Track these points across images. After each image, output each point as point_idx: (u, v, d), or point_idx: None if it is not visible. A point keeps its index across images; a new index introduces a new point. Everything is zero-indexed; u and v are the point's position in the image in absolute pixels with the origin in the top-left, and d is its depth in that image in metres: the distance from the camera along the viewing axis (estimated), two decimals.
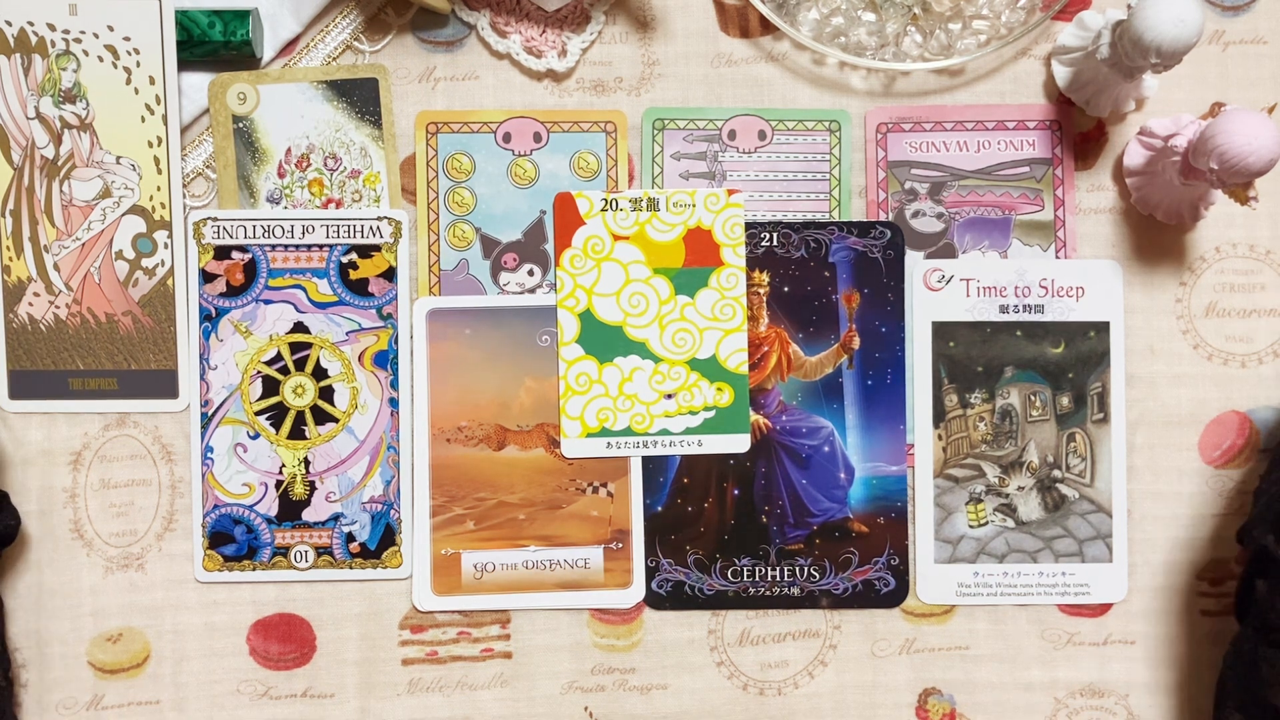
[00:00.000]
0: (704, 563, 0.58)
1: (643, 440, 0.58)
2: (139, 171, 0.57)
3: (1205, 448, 0.60)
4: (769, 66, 0.59)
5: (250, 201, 0.58)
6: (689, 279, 0.58)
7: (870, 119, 0.59)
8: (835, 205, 0.59)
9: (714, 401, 0.58)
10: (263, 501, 0.58)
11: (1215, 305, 0.60)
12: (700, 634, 0.59)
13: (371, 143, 0.58)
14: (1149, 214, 0.59)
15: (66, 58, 0.57)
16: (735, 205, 0.58)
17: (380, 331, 0.58)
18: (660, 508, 0.58)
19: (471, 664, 0.58)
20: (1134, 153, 0.58)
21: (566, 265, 0.58)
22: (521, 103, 0.59)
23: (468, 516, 0.58)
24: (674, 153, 0.59)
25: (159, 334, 0.58)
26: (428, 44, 0.59)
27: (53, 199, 0.57)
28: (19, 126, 0.57)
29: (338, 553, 0.58)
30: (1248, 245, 0.60)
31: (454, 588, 0.58)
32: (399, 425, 0.58)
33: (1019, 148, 0.59)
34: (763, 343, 0.59)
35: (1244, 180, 0.52)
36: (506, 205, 0.59)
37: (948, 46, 0.59)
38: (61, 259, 0.57)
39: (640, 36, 0.59)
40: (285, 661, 0.58)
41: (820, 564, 0.59)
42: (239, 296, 0.58)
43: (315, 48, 0.58)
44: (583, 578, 0.58)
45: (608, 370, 0.58)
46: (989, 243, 0.59)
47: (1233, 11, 0.60)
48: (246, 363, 0.58)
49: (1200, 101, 0.60)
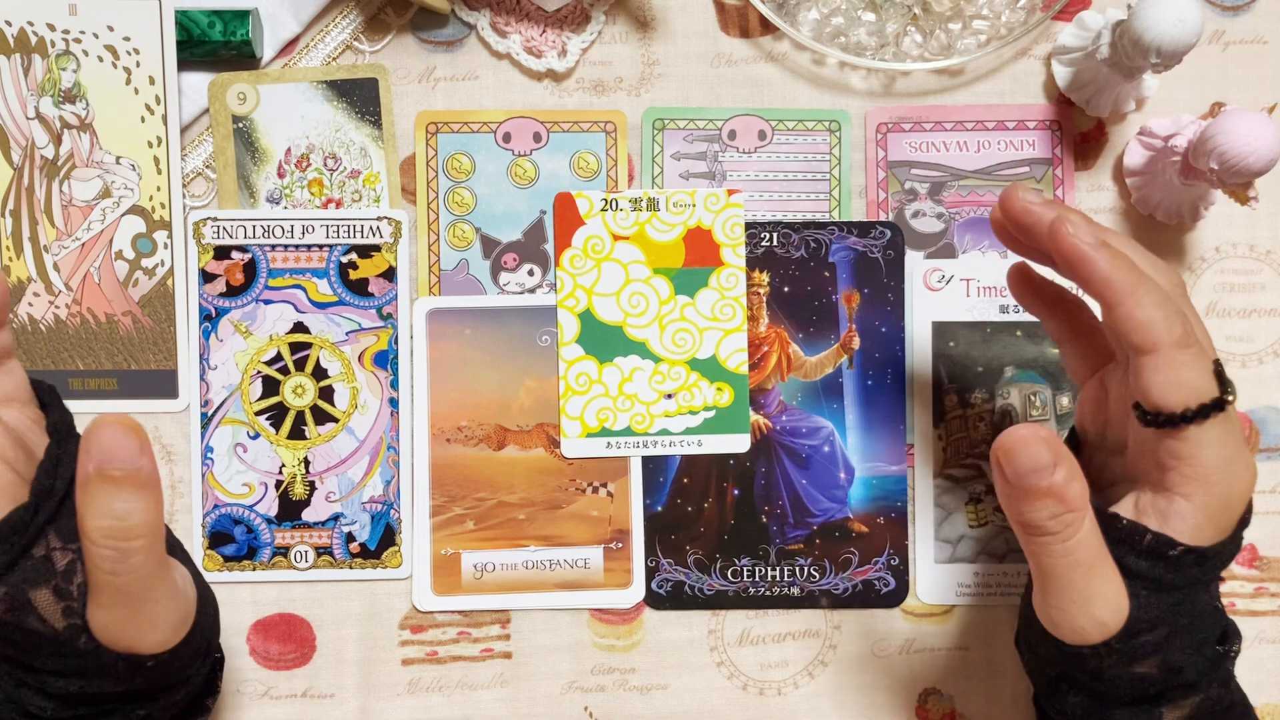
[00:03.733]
0: (704, 563, 0.58)
1: (643, 440, 0.58)
2: (139, 171, 0.57)
3: None
4: (769, 66, 0.59)
5: (250, 201, 0.58)
6: (689, 279, 0.58)
7: (870, 119, 0.59)
8: (835, 205, 0.59)
9: (714, 401, 0.58)
10: (263, 501, 0.58)
11: (1215, 305, 0.60)
12: (700, 634, 0.59)
13: (371, 143, 0.58)
14: (1149, 214, 0.59)
15: (66, 58, 0.57)
16: (735, 205, 0.58)
17: (380, 331, 0.58)
18: (660, 508, 0.58)
19: (471, 664, 0.58)
20: (1134, 153, 0.58)
21: (566, 265, 0.58)
22: (521, 103, 0.59)
23: (468, 516, 0.58)
24: (674, 153, 0.59)
25: (159, 334, 0.58)
26: (428, 44, 0.59)
27: (53, 199, 0.57)
28: (19, 126, 0.57)
29: (338, 553, 0.58)
30: (1248, 245, 0.60)
31: (454, 588, 0.58)
32: (399, 425, 0.58)
33: (1019, 148, 0.59)
34: (763, 343, 0.59)
35: (1244, 180, 0.52)
36: (506, 205, 0.59)
37: (948, 46, 0.59)
38: (61, 259, 0.57)
39: (640, 36, 0.59)
40: (285, 661, 0.58)
41: (820, 564, 0.59)
42: (239, 296, 0.58)
43: (315, 48, 0.58)
44: (583, 578, 0.58)
45: (608, 370, 0.58)
46: (989, 243, 0.59)
47: (1233, 11, 0.60)
48: (246, 363, 0.58)
49: (1200, 101, 0.60)
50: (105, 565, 0.40)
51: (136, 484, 0.40)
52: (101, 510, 0.39)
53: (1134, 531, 0.44)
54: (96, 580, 0.41)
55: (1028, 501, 0.42)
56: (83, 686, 0.43)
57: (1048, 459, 0.41)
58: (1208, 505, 0.43)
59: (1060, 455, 0.42)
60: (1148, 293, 0.42)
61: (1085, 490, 0.42)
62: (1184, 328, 0.42)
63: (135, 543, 0.40)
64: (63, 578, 0.42)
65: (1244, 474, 0.44)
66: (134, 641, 0.42)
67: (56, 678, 0.43)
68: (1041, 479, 0.41)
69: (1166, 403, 0.42)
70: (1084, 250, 0.43)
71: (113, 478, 0.39)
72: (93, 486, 0.39)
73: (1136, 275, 0.43)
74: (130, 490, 0.40)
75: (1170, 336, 0.42)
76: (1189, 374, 0.42)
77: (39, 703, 0.44)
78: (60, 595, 0.42)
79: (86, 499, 0.40)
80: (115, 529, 0.40)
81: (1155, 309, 0.42)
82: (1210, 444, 0.43)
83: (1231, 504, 0.44)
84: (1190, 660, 0.45)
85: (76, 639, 0.42)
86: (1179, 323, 0.42)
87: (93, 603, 0.41)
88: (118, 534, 0.40)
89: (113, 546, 0.40)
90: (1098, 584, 0.43)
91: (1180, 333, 0.42)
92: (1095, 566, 0.43)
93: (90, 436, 0.39)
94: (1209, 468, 0.43)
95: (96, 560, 0.40)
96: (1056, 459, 0.41)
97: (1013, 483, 0.42)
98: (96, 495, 0.39)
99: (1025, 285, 0.50)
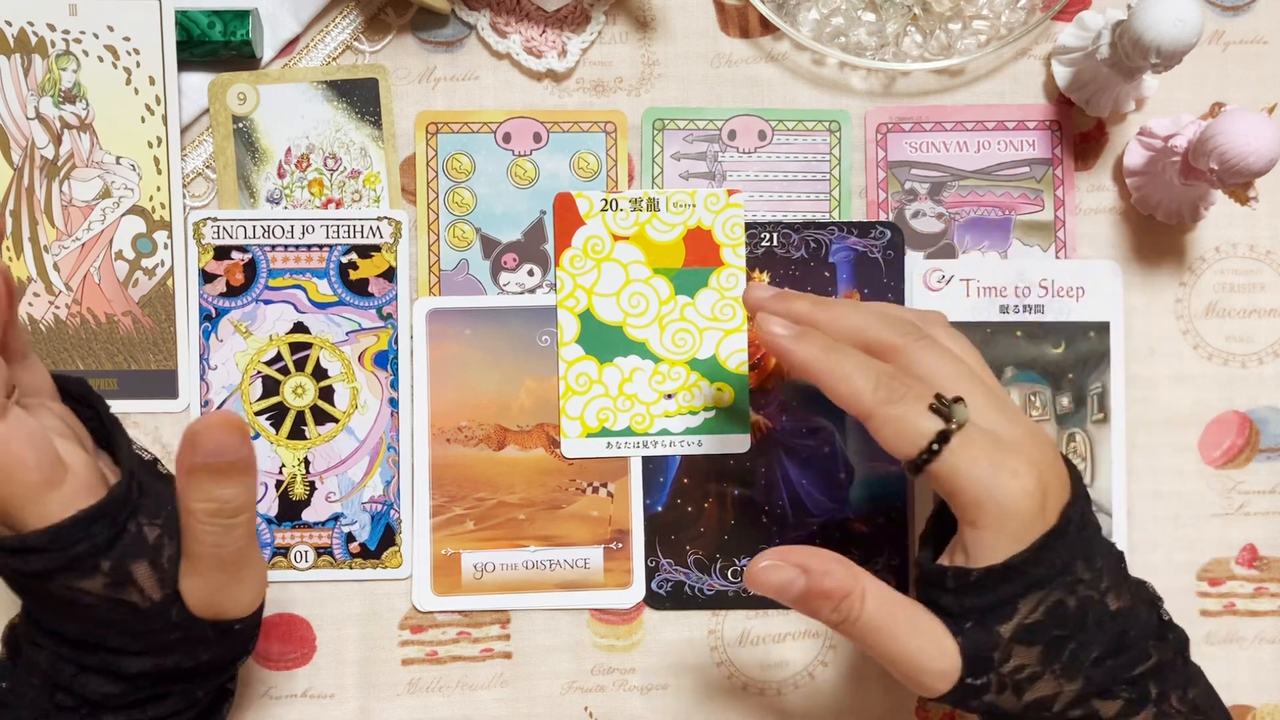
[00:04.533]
0: (704, 563, 0.58)
1: (643, 440, 0.58)
2: (139, 172, 0.57)
3: (1205, 448, 0.60)
4: (769, 66, 0.59)
5: (250, 202, 0.58)
6: (689, 279, 0.58)
7: (870, 119, 0.59)
8: (835, 205, 0.59)
9: (714, 401, 0.58)
10: (263, 502, 0.58)
11: (1215, 305, 0.60)
12: (700, 634, 0.59)
13: (371, 143, 0.58)
14: (1149, 214, 0.59)
15: (66, 58, 0.57)
16: (735, 205, 0.58)
17: (380, 332, 0.58)
18: (660, 508, 0.58)
19: (471, 664, 0.58)
20: (1134, 153, 0.58)
21: (566, 265, 0.58)
22: (521, 103, 0.59)
23: (468, 516, 0.58)
24: (674, 153, 0.59)
25: (159, 334, 0.58)
26: (428, 44, 0.59)
27: (53, 199, 0.57)
28: (19, 127, 0.57)
29: (338, 553, 0.58)
30: (1248, 245, 0.60)
31: (454, 588, 0.58)
32: (399, 425, 0.58)
33: (1019, 148, 0.59)
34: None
35: (1244, 180, 0.52)
36: (506, 205, 0.59)
37: (948, 46, 0.59)
38: (61, 259, 0.57)
39: (640, 36, 0.59)
40: (285, 661, 0.58)
41: None
42: (239, 297, 0.58)
43: (315, 48, 0.58)
44: (583, 578, 0.58)
45: (608, 370, 0.58)
46: (989, 243, 0.59)
47: (1233, 11, 0.60)
48: (246, 363, 0.58)
49: (1200, 101, 0.60)
50: (210, 539, 0.43)
51: (240, 470, 0.43)
52: (207, 495, 0.42)
53: (935, 573, 0.45)
54: (198, 553, 0.44)
55: (805, 610, 0.45)
56: (157, 663, 0.45)
57: (786, 576, 0.44)
58: (989, 524, 0.44)
59: (804, 562, 0.44)
60: (842, 366, 0.45)
61: (847, 575, 0.44)
62: (886, 386, 0.45)
63: (239, 519, 0.43)
64: (155, 551, 0.44)
65: (1009, 481, 0.43)
66: (226, 606, 0.45)
67: (133, 656, 0.45)
68: (794, 590, 0.44)
69: (902, 454, 0.45)
70: (777, 344, 0.46)
71: (218, 467, 0.42)
72: (199, 474, 0.42)
73: (827, 354, 0.46)
74: (235, 476, 0.43)
75: (874, 399, 0.45)
76: (905, 425, 0.44)
77: (104, 688, 0.46)
78: (155, 568, 0.44)
79: (192, 484, 0.42)
80: (221, 510, 0.43)
81: (850, 379, 0.45)
82: (959, 470, 0.44)
83: (1011, 514, 0.44)
84: (1099, 672, 0.44)
85: (169, 609, 0.44)
86: (878, 382, 0.45)
87: (189, 573, 0.44)
88: (224, 513, 0.43)
89: (217, 524, 0.43)
90: (910, 639, 0.44)
91: (883, 393, 0.45)
92: (898, 626, 0.44)
93: (199, 431, 0.42)
94: (970, 491, 0.44)
95: (200, 535, 0.43)
96: (801, 568, 0.44)
97: (782, 601, 0.45)
98: (203, 481, 0.42)
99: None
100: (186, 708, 0.48)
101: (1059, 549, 0.44)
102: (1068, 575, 0.44)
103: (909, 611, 0.45)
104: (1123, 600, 0.45)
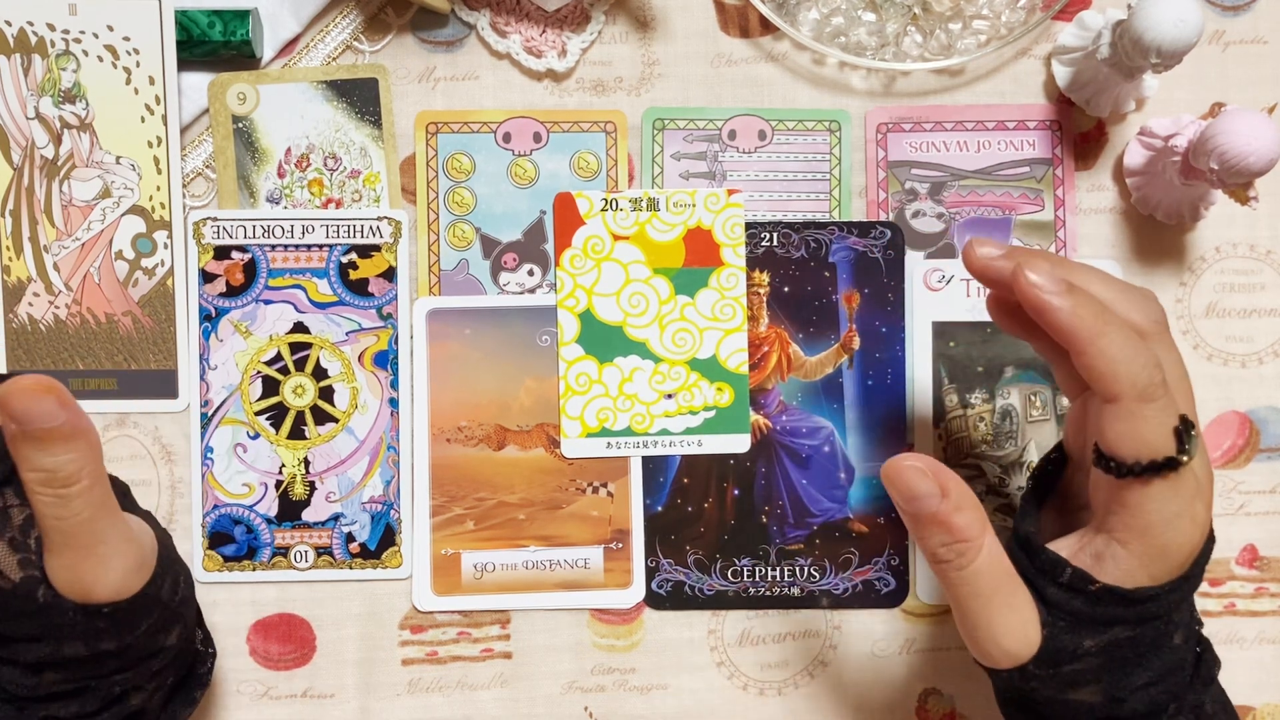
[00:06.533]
0: (704, 563, 0.58)
1: (643, 440, 0.58)
2: (139, 171, 0.57)
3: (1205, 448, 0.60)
4: (769, 66, 0.59)
5: (250, 201, 0.58)
6: (689, 279, 0.58)
7: (870, 119, 0.59)
8: (835, 205, 0.59)
9: (714, 401, 0.58)
10: (263, 501, 0.58)
11: (1215, 305, 0.60)
12: (700, 634, 0.59)
13: (371, 143, 0.58)
14: (1149, 214, 0.59)
15: (66, 58, 0.57)
16: (735, 205, 0.58)
17: (380, 331, 0.58)
18: (660, 508, 0.58)
19: (471, 664, 0.58)
20: (1134, 153, 0.58)
21: (566, 265, 0.58)
22: (521, 103, 0.59)
23: (467, 516, 0.58)
24: (674, 153, 0.59)
25: (159, 334, 0.58)
26: (428, 44, 0.59)
27: (52, 199, 0.57)
28: (19, 126, 0.57)
29: (338, 553, 0.58)
30: (1248, 245, 0.60)
31: (454, 588, 0.58)
32: (399, 425, 0.58)
33: (1019, 148, 0.59)
34: (763, 343, 0.59)
35: (1244, 180, 0.52)
36: (506, 205, 0.59)
37: (948, 46, 0.59)
38: (61, 259, 0.57)
39: (640, 36, 0.59)
40: (285, 661, 0.58)
41: (820, 564, 0.59)
42: (239, 296, 0.58)
43: (315, 48, 0.58)
44: (583, 578, 0.58)
45: (608, 370, 0.58)
46: None
47: (1233, 11, 0.60)
48: (246, 363, 0.58)
49: (1200, 101, 0.60)
50: (48, 511, 0.42)
51: (61, 437, 0.41)
52: (33, 464, 0.41)
53: (1054, 564, 0.44)
54: (44, 527, 0.42)
55: (918, 528, 0.43)
56: (51, 651, 0.44)
57: (926, 488, 0.42)
58: (1143, 554, 0.43)
59: (947, 485, 0.42)
60: (1111, 341, 0.41)
61: (977, 521, 0.42)
62: (1150, 378, 0.41)
63: (73, 488, 0.42)
64: (20, 530, 0.43)
65: (1188, 529, 0.42)
66: (89, 585, 0.43)
67: (26, 644, 0.44)
68: (924, 506, 0.42)
69: (1119, 452, 0.42)
70: (1043, 299, 0.42)
71: (36, 434, 0.41)
72: (19, 443, 0.41)
73: (1100, 322, 0.42)
74: (58, 443, 0.41)
75: (1133, 389, 0.41)
76: (1146, 429, 0.41)
77: (18, 679, 0.45)
78: (15, 548, 0.43)
79: (18, 454, 0.41)
80: (50, 478, 0.41)
81: (1117, 359, 0.41)
82: (1155, 499, 0.42)
83: (1169, 556, 0.43)
84: (1139, 695, 0.44)
85: (35, 590, 0.43)
86: (1144, 372, 0.41)
87: (46, 551, 0.43)
88: (53, 483, 0.42)
89: (51, 494, 0.42)
90: (999, 614, 0.43)
91: (1144, 384, 0.41)
92: (996, 597, 0.43)
93: (5, 400, 0.40)
94: (1149, 521, 0.42)
95: (39, 507, 0.42)
96: (942, 489, 0.42)
97: (902, 508, 0.43)
98: (24, 450, 0.41)
99: (1004, 310, 0.49)
100: (131, 692, 0.46)
101: (1176, 595, 0.44)
102: (1167, 617, 0.44)
103: (1010, 585, 0.43)
104: (1182, 637, 0.45)
